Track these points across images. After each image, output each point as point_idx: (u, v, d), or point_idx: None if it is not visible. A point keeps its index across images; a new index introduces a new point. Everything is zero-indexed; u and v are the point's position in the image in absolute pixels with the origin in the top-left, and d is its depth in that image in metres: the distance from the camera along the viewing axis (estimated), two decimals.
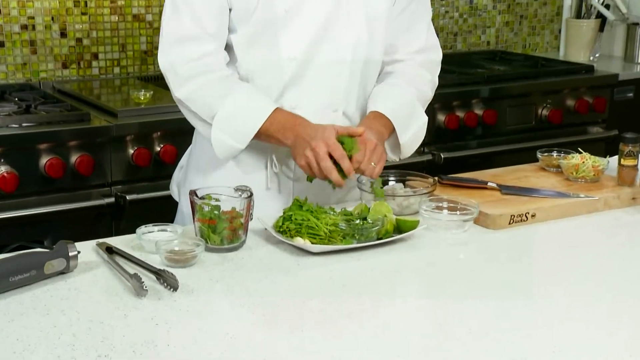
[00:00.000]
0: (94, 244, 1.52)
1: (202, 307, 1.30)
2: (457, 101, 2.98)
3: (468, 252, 1.59)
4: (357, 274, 1.45)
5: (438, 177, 1.87)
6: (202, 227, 1.51)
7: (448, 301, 1.34)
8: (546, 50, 3.84)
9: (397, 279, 1.45)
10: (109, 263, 1.45)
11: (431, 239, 1.62)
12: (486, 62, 3.39)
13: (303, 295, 1.36)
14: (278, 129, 1.65)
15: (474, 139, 3.05)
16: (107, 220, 2.41)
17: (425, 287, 1.42)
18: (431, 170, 2.72)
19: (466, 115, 2.98)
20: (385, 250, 1.55)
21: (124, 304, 1.30)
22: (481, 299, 1.35)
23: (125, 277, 1.37)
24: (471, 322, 1.27)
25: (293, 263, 1.48)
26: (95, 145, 2.38)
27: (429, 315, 1.30)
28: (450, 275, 1.46)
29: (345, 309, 1.31)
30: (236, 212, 1.51)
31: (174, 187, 1.93)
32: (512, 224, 1.69)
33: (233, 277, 1.42)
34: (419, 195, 1.74)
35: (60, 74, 2.89)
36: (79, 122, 2.40)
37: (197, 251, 1.46)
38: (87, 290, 1.35)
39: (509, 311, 1.31)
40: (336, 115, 1.74)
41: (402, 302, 1.35)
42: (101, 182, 2.41)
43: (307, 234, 1.53)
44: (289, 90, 1.71)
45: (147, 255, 1.48)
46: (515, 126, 3.13)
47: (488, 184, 1.85)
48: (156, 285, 1.37)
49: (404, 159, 1.85)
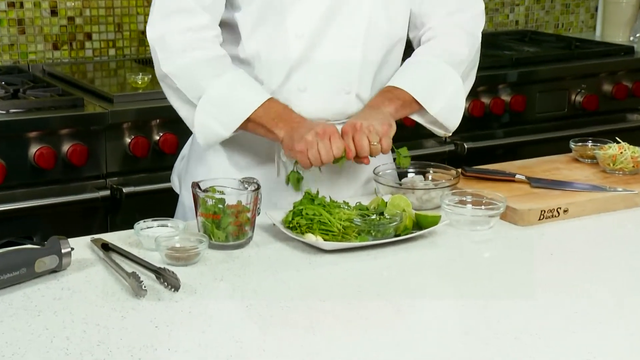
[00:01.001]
0: (89, 240, 1.53)
1: (206, 309, 1.31)
2: (483, 86, 2.97)
3: (494, 250, 1.60)
4: (373, 274, 1.46)
5: (461, 169, 1.87)
6: (206, 222, 1.52)
7: (473, 303, 1.35)
8: (581, 30, 3.83)
9: (416, 279, 1.46)
10: (104, 261, 1.46)
11: (454, 236, 1.62)
12: (514, 44, 3.38)
13: (315, 296, 1.37)
14: (272, 117, 1.64)
15: (500, 128, 3.05)
16: (102, 214, 2.43)
17: (448, 288, 1.43)
18: (454, 161, 2.72)
19: (492, 101, 2.98)
20: (404, 248, 1.56)
21: (121, 304, 1.31)
22: (509, 300, 1.36)
23: (123, 276, 1.38)
24: (498, 325, 1.27)
25: (304, 261, 1.49)
26: (89, 133, 2.40)
27: (452, 319, 1.31)
28: (474, 275, 1.47)
29: (361, 312, 1.32)
30: (242, 206, 1.52)
31: (175, 178, 1.94)
32: (542, 220, 1.69)
33: (239, 276, 1.43)
34: (440, 188, 1.74)
35: (50, 55, 2.90)
36: (71, 109, 2.41)
37: (200, 248, 1.47)
38: (82, 290, 1.37)
39: (538, 314, 1.32)
40: (349, 97, 1.74)
41: (422, 304, 1.35)
42: (95, 173, 2.43)
43: (319, 230, 1.54)
44: (297, 71, 1.71)
45: (146, 253, 1.50)
46: (546, 113, 3.12)
47: (516, 176, 1.86)
48: (156, 285, 1.38)
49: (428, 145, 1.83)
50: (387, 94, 1.73)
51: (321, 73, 1.72)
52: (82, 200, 2.38)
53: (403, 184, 1.77)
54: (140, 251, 1.50)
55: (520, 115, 3.06)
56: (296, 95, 1.72)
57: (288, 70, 1.71)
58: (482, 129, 3.01)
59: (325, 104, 1.73)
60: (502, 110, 3.00)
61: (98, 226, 2.40)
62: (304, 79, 1.71)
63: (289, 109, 1.68)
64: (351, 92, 1.74)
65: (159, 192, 2.42)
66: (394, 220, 1.57)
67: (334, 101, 1.73)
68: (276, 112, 1.65)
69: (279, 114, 1.65)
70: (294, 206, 1.60)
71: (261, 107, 1.65)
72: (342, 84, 1.73)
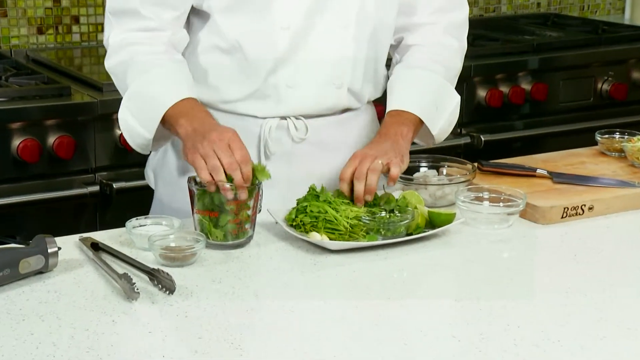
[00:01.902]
0: (77, 239, 1.54)
1: (203, 313, 1.32)
2: (501, 74, 2.97)
3: (513, 250, 1.60)
4: (383, 276, 1.47)
5: (478, 163, 1.88)
6: (203, 220, 1.53)
7: (490, 308, 1.35)
8: (608, 12, 3.82)
9: (429, 282, 1.46)
10: (94, 261, 1.47)
11: (470, 235, 1.62)
12: (536, 28, 3.38)
13: (320, 299, 1.37)
14: (176, 113, 1.62)
15: (520, 119, 3.05)
16: (91, 211, 2.44)
17: (463, 291, 1.43)
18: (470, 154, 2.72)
19: (511, 90, 2.98)
20: (416, 248, 1.56)
21: (112, 308, 1.32)
22: (529, 305, 1.36)
23: (114, 277, 1.39)
24: (517, 331, 1.28)
25: (309, 262, 1.50)
26: (77, 124, 2.40)
27: (468, 324, 1.31)
28: (492, 277, 1.47)
29: (370, 316, 1.33)
30: (242, 203, 1.52)
31: (150, 172, 1.92)
32: (565, 218, 1.70)
33: (239, 278, 1.44)
34: (455, 184, 1.75)
35: (35, 40, 2.91)
36: (58, 98, 2.42)
37: (197, 248, 1.47)
38: (69, 292, 1.37)
39: (561, 320, 1.32)
40: (340, 92, 1.75)
41: (436, 308, 1.36)
42: (84, 167, 2.43)
43: (325, 228, 1.55)
44: (284, 66, 1.70)
45: (139, 253, 1.50)
46: (570, 103, 3.12)
47: (537, 171, 1.86)
48: (149, 287, 1.38)
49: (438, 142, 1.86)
50: (399, 118, 1.74)
51: (310, 67, 1.72)
52: (69, 196, 2.39)
53: (415, 179, 1.78)
54: (132, 251, 1.51)
55: (542, 105, 3.06)
56: (284, 91, 1.72)
57: (274, 65, 1.70)
58: (500, 120, 3.01)
59: (316, 99, 1.74)
60: (522, 100, 3.00)
61: (87, 224, 2.41)
62: (292, 75, 1.71)
63: (198, 105, 1.64)
64: (343, 86, 1.75)
65: None
66: (405, 218, 1.57)
67: (325, 96, 1.74)
68: (183, 107, 1.63)
69: (183, 110, 1.62)
70: (297, 203, 1.60)
71: (173, 107, 1.63)
72: (333, 78, 1.74)
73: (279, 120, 1.74)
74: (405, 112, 1.75)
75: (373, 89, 1.83)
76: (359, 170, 1.61)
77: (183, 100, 1.64)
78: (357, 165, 1.62)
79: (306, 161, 1.75)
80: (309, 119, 1.75)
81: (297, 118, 1.75)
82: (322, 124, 1.76)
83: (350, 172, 1.62)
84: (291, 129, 1.74)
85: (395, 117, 1.74)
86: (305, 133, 1.75)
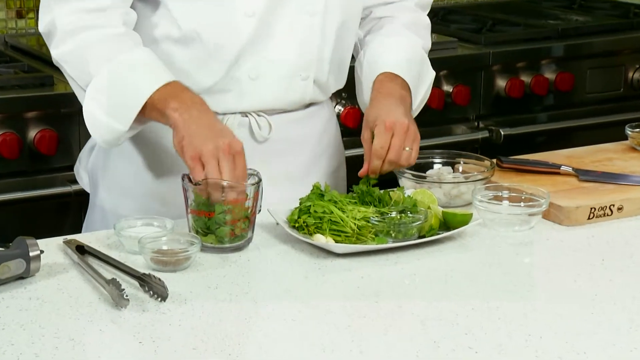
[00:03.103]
0: (61, 241, 1.54)
1: (198, 322, 1.32)
2: (522, 62, 2.98)
3: (535, 254, 1.61)
4: (393, 282, 1.47)
5: (497, 159, 1.88)
6: (198, 221, 1.54)
7: (510, 317, 1.35)
8: None
9: (444, 289, 1.47)
10: (79, 265, 1.47)
11: (487, 238, 1.63)
12: (560, 11, 3.38)
13: (325, 307, 1.38)
14: (164, 97, 1.58)
15: (543, 111, 3.05)
16: (76, 211, 2.44)
17: (481, 298, 1.44)
18: (488, 150, 2.73)
19: (534, 79, 2.98)
20: (429, 252, 1.57)
21: (100, 316, 1.33)
22: (552, 314, 1.37)
23: (101, 283, 1.39)
24: (540, 343, 1.28)
25: (312, 267, 1.50)
26: (60, 117, 2.41)
27: (485, 334, 1.31)
28: (512, 284, 1.48)
29: (379, 326, 1.33)
30: (240, 202, 1.53)
31: (83, 174, 1.90)
32: (592, 219, 1.70)
33: (237, 284, 1.44)
34: (472, 182, 1.75)
35: (14, 25, 2.91)
36: (39, 88, 2.42)
37: (191, 251, 1.48)
38: (53, 299, 1.38)
39: (588, 330, 1.32)
40: (306, 84, 1.75)
41: (451, 318, 1.36)
42: (67, 163, 2.43)
43: (330, 230, 1.55)
44: (248, 55, 1.70)
45: (128, 256, 1.51)
46: (598, 94, 3.12)
47: (561, 167, 1.86)
48: (140, 294, 1.39)
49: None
50: (396, 81, 1.75)
51: (275, 57, 1.71)
52: (52, 194, 2.40)
53: (428, 176, 1.78)
54: (121, 254, 1.52)
55: (567, 97, 3.06)
56: (247, 84, 1.71)
57: (236, 56, 1.70)
58: (521, 112, 3.01)
59: (281, 92, 1.73)
60: (545, 91, 3.00)
61: (71, 225, 2.41)
62: (256, 66, 1.71)
63: (189, 89, 1.62)
64: (309, 78, 1.75)
65: None
66: (417, 219, 1.58)
67: (290, 88, 1.74)
68: (171, 89, 1.60)
69: (171, 92, 1.59)
70: (300, 202, 1.61)
71: (157, 91, 1.59)
72: (299, 69, 1.74)
73: (240, 118, 1.73)
74: (394, 77, 1.75)
75: (338, 80, 1.83)
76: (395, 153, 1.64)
77: (167, 84, 1.60)
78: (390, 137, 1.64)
79: (270, 162, 1.74)
80: (272, 116, 1.75)
81: (258, 115, 1.74)
82: (285, 121, 1.77)
83: (387, 146, 1.63)
84: (254, 127, 1.74)
85: (388, 79, 1.75)
86: (269, 132, 1.75)
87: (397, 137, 1.65)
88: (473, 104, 2.89)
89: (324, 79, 1.78)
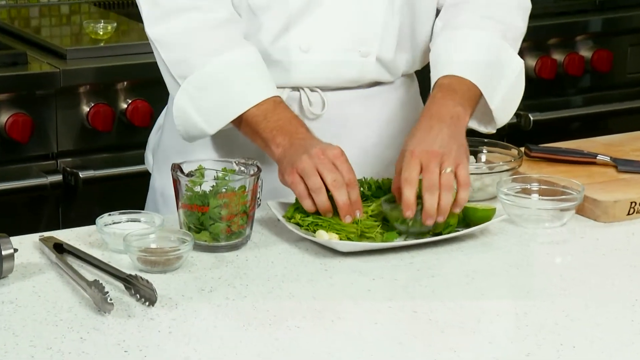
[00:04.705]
0: (37, 239, 1.55)
1: (190, 328, 1.33)
2: (554, 39, 2.97)
3: (568, 255, 1.61)
4: (407, 284, 1.48)
5: (525, 148, 1.88)
6: (190, 216, 1.55)
7: (539, 324, 1.36)
8: None
9: (465, 292, 1.47)
10: (57, 266, 1.48)
11: (514, 236, 1.63)
12: None
13: (333, 313, 1.39)
14: (270, 127, 1.62)
15: (577, 94, 3.05)
16: (53, 205, 2.45)
17: (506, 303, 1.44)
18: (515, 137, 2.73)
19: (567, 58, 2.98)
20: (448, 251, 1.57)
21: (80, 323, 1.33)
22: (587, 321, 1.37)
23: (82, 285, 1.40)
24: (573, 353, 1.28)
25: (318, 268, 1.51)
26: (35, 100, 2.41)
27: (512, 343, 1.32)
28: (541, 287, 1.48)
29: (393, 333, 1.33)
30: (237, 196, 1.53)
31: (149, 155, 1.94)
32: (632, 214, 1.70)
33: (233, 287, 1.45)
34: (497, 173, 1.76)
35: None
36: (11, 67, 2.42)
37: (183, 250, 1.49)
38: (28, 303, 1.39)
39: (627, 339, 1.32)
40: (366, 61, 1.74)
41: (473, 324, 1.37)
42: (43, 152, 2.45)
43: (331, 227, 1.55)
44: (298, 24, 1.71)
45: (112, 256, 1.52)
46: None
47: (598, 157, 1.87)
48: (125, 298, 1.40)
49: None
50: (449, 93, 1.68)
51: (330, 28, 1.72)
52: (26, 187, 2.40)
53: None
54: (104, 254, 1.52)
55: (605, 77, 3.06)
56: (297, 56, 1.72)
57: (286, 22, 1.71)
58: (553, 95, 3.01)
59: (335, 68, 1.74)
60: (580, 71, 3.00)
61: (48, 221, 2.42)
62: (308, 35, 1.72)
63: (295, 118, 1.64)
64: (370, 54, 1.74)
65: (127, 176, 2.44)
66: None
67: (347, 65, 1.73)
68: (279, 119, 1.62)
69: (279, 125, 1.62)
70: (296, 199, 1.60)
71: (258, 107, 1.63)
72: (358, 43, 1.74)
73: (290, 92, 1.74)
74: (456, 82, 1.69)
75: (410, 60, 1.81)
76: (430, 179, 1.55)
77: (267, 101, 1.64)
78: (420, 166, 1.56)
79: None
80: (326, 92, 1.75)
81: (312, 90, 1.75)
82: (343, 99, 1.76)
83: (416, 174, 1.56)
84: (304, 102, 1.74)
85: (445, 91, 1.69)
86: (322, 108, 1.75)
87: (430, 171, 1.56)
88: None
89: (389, 57, 1.76)
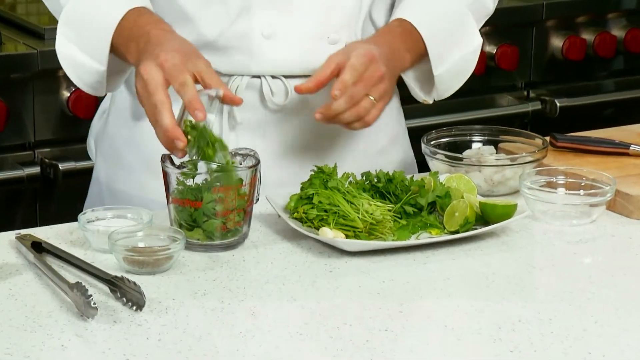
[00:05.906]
0: (13, 236, 1.55)
1: (182, 335, 1.33)
2: (583, 16, 2.98)
3: (598, 254, 1.62)
4: (421, 287, 1.48)
5: (550, 137, 1.89)
6: (182, 213, 1.55)
7: (566, 330, 1.36)
8: None
9: (484, 296, 1.47)
10: (36, 266, 1.48)
11: (538, 234, 1.64)
12: None
13: (338, 318, 1.39)
14: (123, 40, 1.62)
15: (608, 77, 3.05)
16: (30, 200, 2.46)
17: (529, 308, 1.44)
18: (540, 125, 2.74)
19: (597, 38, 2.98)
20: (465, 251, 1.58)
21: (61, 329, 1.34)
22: (618, 328, 1.37)
23: (63, 288, 1.40)
24: None
25: (322, 269, 1.52)
26: (9, 84, 2.42)
27: (535, 351, 1.32)
28: (568, 290, 1.49)
29: (404, 341, 1.34)
30: (234, 190, 1.54)
31: (91, 141, 1.95)
32: None
33: (229, 289, 1.46)
34: (519, 165, 1.76)
35: None
36: None
37: (174, 249, 1.49)
38: (4, 307, 1.39)
39: None
40: (335, 48, 1.74)
41: (492, 331, 1.37)
42: (19, 142, 2.46)
43: (337, 224, 1.55)
44: (260, 9, 1.71)
45: (96, 255, 1.52)
46: None
47: (631, 147, 1.87)
48: (110, 302, 1.40)
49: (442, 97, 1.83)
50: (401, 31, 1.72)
51: (296, 12, 1.72)
52: (0, 180, 2.41)
53: (466, 158, 1.78)
54: (87, 253, 1.53)
55: (639, 59, 3.06)
56: (260, 43, 1.72)
57: (247, 6, 1.70)
58: (581, 78, 3.01)
59: (302, 57, 1.74)
60: (612, 52, 3.00)
61: (25, 217, 2.43)
62: (271, 21, 1.72)
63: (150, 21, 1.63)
64: (339, 41, 1.75)
65: None
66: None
67: (314, 54, 1.73)
68: (130, 29, 1.63)
69: (130, 33, 1.62)
70: (301, 187, 1.61)
71: (121, 23, 1.64)
72: (326, 29, 1.74)
73: (250, 79, 1.74)
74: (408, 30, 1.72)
75: None
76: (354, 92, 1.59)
77: (127, 15, 1.64)
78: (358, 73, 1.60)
79: (285, 135, 1.76)
80: (289, 79, 1.74)
81: (273, 77, 1.75)
82: None
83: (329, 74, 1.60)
84: (265, 91, 1.74)
85: (396, 29, 1.72)
86: (285, 98, 1.75)
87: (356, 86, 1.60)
88: (522, 69, 2.89)
89: None
